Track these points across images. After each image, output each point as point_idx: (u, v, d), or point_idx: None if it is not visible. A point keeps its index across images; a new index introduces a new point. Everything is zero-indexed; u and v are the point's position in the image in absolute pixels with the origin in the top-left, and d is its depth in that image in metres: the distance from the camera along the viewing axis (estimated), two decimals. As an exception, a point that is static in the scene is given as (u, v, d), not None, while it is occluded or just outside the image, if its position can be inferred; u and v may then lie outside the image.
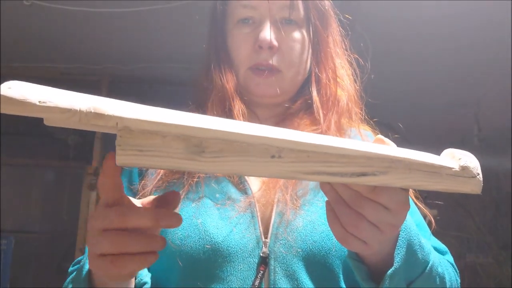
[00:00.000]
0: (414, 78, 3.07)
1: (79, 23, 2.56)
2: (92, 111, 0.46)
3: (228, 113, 0.81)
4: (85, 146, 3.21)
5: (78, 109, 0.46)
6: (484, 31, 2.49)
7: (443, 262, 0.73)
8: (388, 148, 0.50)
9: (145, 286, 0.66)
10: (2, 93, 0.46)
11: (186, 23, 2.48)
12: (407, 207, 0.55)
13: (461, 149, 0.59)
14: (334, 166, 0.49)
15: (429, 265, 0.67)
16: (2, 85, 0.47)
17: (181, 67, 2.88)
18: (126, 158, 0.47)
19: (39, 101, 0.45)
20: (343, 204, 0.55)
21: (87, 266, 0.65)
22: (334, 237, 0.71)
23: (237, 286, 0.70)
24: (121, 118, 0.46)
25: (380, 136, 0.54)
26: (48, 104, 0.46)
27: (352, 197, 0.54)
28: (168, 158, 0.48)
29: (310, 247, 0.72)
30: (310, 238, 0.72)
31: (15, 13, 2.45)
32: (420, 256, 0.66)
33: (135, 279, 0.66)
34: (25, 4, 2.30)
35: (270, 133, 0.48)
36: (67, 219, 3.35)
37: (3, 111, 0.46)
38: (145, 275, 0.67)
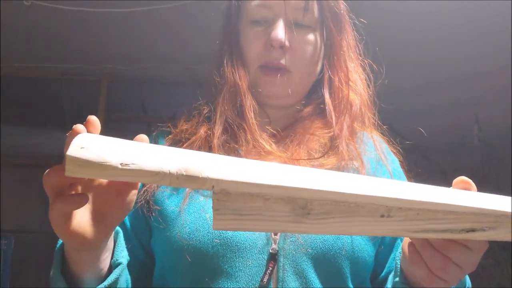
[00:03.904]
0: (414, 79, 3.07)
1: (79, 23, 2.56)
2: (184, 173, 0.41)
3: (239, 109, 0.81)
4: (85, 146, 3.20)
5: (168, 172, 0.41)
6: (484, 31, 2.49)
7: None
8: (493, 201, 0.50)
9: (119, 266, 0.66)
10: (75, 155, 0.40)
11: (186, 23, 2.48)
12: (487, 245, 0.57)
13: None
14: (443, 223, 0.48)
15: (467, 285, 0.70)
16: (72, 144, 0.42)
17: (181, 67, 2.88)
18: (224, 223, 0.44)
19: (120, 164, 0.40)
20: (431, 248, 0.56)
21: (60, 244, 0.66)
22: (344, 237, 0.73)
23: (245, 282, 0.70)
24: (217, 181, 0.42)
25: (464, 178, 0.54)
26: (132, 167, 0.41)
27: (441, 242, 0.56)
28: (272, 222, 0.45)
29: (320, 246, 0.72)
30: (321, 237, 0.72)
31: (15, 13, 2.45)
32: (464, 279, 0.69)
33: (111, 259, 0.66)
34: (25, 4, 2.30)
35: (379, 192, 0.46)
36: (67, 219, 3.35)
37: (77, 175, 0.41)
38: (120, 256, 0.67)
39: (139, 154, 0.42)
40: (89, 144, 0.42)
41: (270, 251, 0.71)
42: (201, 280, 0.71)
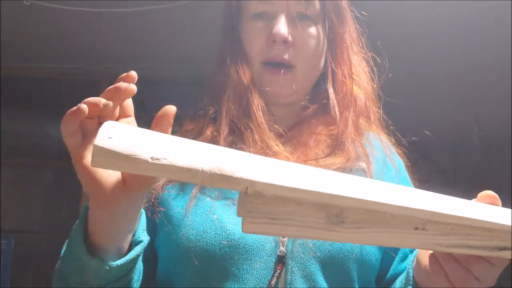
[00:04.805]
0: (414, 79, 3.07)
1: (79, 23, 2.56)
2: (217, 172, 0.40)
3: (245, 108, 0.80)
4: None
5: (200, 169, 0.39)
6: (484, 31, 2.49)
7: None
8: None
9: (141, 243, 0.64)
10: (103, 146, 0.38)
11: (186, 23, 2.47)
12: (508, 261, 0.56)
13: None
14: (477, 240, 0.47)
15: None
16: (99, 133, 0.40)
17: (181, 67, 2.88)
18: (256, 227, 0.42)
19: (151, 158, 0.38)
20: (454, 261, 0.56)
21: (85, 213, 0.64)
22: None
23: (253, 284, 0.69)
24: (252, 182, 0.40)
25: (491, 193, 0.54)
26: (163, 162, 0.38)
27: (465, 256, 0.55)
28: (304, 228, 0.43)
29: (329, 249, 0.71)
30: None
31: (15, 13, 2.44)
32: None
33: (132, 236, 0.65)
34: (25, 4, 2.30)
35: (415, 204, 0.44)
36: (67, 219, 3.35)
37: (104, 167, 0.39)
38: (142, 235, 0.65)
39: (171, 148, 0.40)
40: (118, 134, 0.39)
41: (278, 253, 0.70)
42: (207, 282, 0.70)
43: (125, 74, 0.53)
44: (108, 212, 0.59)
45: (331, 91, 0.83)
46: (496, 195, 0.54)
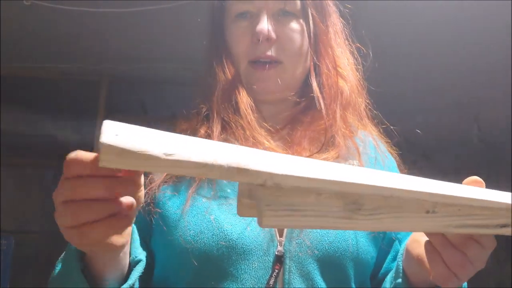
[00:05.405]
0: (414, 78, 3.07)
1: (79, 23, 2.56)
2: (235, 166, 0.39)
3: (235, 106, 0.80)
4: (85, 146, 3.20)
5: (217, 163, 0.38)
6: (485, 31, 2.49)
7: None
8: None
9: (140, 263, 0.63)
10: (112, 143, 0.36)
11: (186, 23, 2.47)
12: (496, 243, 0.59)
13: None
14: (481, 219, 0.49)
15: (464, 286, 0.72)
16: (104, 132, 0.37)
17: (181, 67, 2.88)
18: (276, 220, 0.42)
19: (164, 154, 0.37)
20: (450, 246, 0.58)
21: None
22: (349, 238, 0.73)
23: (251, 285, 0.69)
24: (271, 175, 0.40)
25: (477, 178, 0.56)
26: (177, 157, 0.37)
27: (459, 239, 0.57)
28: (324, 217, 0.43)
29: (326, 248, 0.72)
30: (326, 239, 0.72)
31: (15, 13, 2.45)
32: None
33: (130, 256, 0.64)
34: (25, 4, 2.30)
35: (427, 188, 0.46)
36: (67, 219, 3.34)
37: (113, 166, 0.37)
38: (140, 253, 0.65)
39: (183, 144, 0.39)
40: (122, 131, 0.37)
41: (276, 253, 0.70)
42: (206, 283, 0.70)
43: None
44: (112, 254, 0.59)
45: (314, 84, 0.83)
46: (481, 180, 0.56)
